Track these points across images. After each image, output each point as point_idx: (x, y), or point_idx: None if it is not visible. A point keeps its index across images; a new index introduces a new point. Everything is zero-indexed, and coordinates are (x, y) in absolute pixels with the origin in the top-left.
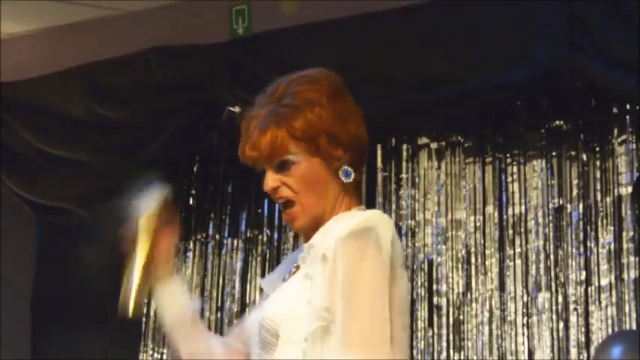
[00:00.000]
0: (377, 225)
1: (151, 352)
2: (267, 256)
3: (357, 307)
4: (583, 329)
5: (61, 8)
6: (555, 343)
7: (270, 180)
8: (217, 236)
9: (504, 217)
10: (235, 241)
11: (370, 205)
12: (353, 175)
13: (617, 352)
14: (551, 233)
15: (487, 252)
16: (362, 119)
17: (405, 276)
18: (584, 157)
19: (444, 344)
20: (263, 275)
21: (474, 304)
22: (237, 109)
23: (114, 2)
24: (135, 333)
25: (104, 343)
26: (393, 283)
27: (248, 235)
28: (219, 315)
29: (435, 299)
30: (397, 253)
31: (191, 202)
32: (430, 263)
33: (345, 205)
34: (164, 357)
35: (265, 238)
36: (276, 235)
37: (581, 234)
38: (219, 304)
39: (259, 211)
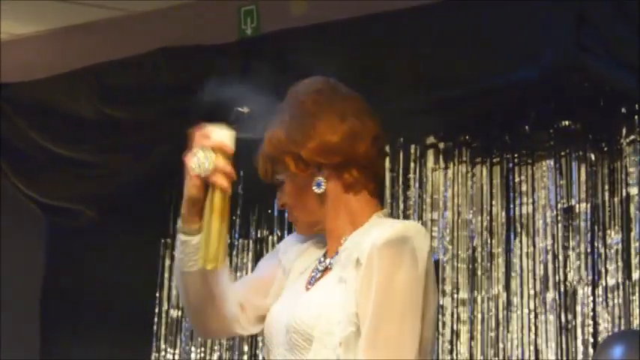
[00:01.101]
0: (414, 236)
1: (163, 352)
2: None
3: (388, 315)
4: (590, 329)
5: (69, 9)
6: (562, 343)
7: (278, 196)
8: (228, 237)
9: (511, 217)
10: (246, 242)
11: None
12: (324, 185)
13: (619, 352)
14: (559, 233)
15: (494, 252)
16: (344, 129)
17: (436, 291)
18: (592, 157)
19: (449, 345)
20: None
21: (480, 304)
22: (245, 110)
23: (121, 3)
24: (145, 334)
25: (114, 344)
26: (426, 297)
27: (258, 235)
28: None
29: (441, 299)
30: (432, 266)
31: None
32: (437, 263)
33: (359, 206)
34: (176, 357)
35: (276, 239)
36: (286, 236)
37: (589, 234)
38: None
39: (269, 211)
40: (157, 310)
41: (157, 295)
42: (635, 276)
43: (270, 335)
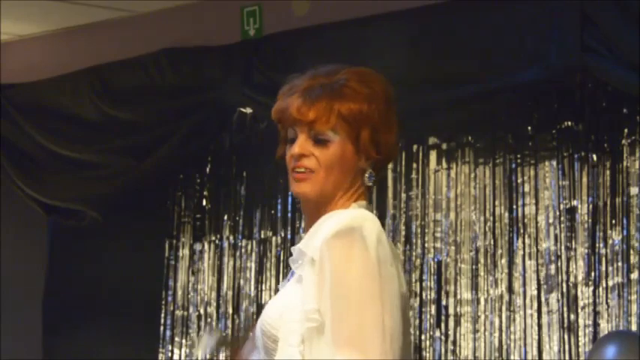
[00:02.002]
0: (362, 224)
1: (169, 353)
2: (282, 257)
3: (347, 307)
4: (592, 329)
5: (72, 10)
6: (565, 343)
7: (301, 146)
8: (232, 238)
9: (514, 217)
10: (250, 243)
11: (381, 205)
12: (372, 182)
13: (612, 352)
14: (562, 234)
15: (497, 253)
16: (399, 139)
17: (395, 274)
18: (595, 157)
19: (452, 345)
20: (277, 276)
21: (483, 305)
22: (248, 111)
23: (125, 4)
24: (149, 334)
25: (116, 343)
26: (382, 284)
27: (262, 236)
28: (234, 316)
29: (443, 300)
30: (385, 251)
31: (204, 204)
32: (439, 264)
33: (352, 201)
34: (182, 357)
35: (279, 240)
36: (290, 236)
37: (591, 234)
38: (234, 306)
39: (273, 212)
40: (162, 311)
41: (163, 295)
42: (636, 276)
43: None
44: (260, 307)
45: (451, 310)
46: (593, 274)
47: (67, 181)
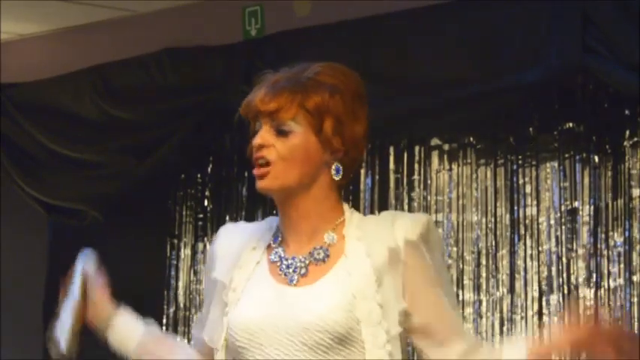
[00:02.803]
0: (431, 220)
1: None
2: None
3: (455, 302)
4: None
5: (74, 9)
6: None
7: (263, 137)
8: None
9: (516, 219)
10: None
11: (382, 206)
12: (341, 174)
13: None
14: (563, 235)
15: (498, 254)
16: (367, 134)
17: None
18: (596, 159)
19: None
20: None
21: (485, 306)
22: None
23: (126, 3)
24: None
25: None
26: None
27: None
28: None
29: None
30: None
31: (206, 204)
32: None
33: (335, 200)
34: None
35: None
36: None
37: (593, 236)
38: None
39: (274, 212)
40: (165, 312)
41: (165, 295)
42: (636, 278)
43: (250, 335)
44: None
45: None
46: (594, 275)
47: (68, 181)
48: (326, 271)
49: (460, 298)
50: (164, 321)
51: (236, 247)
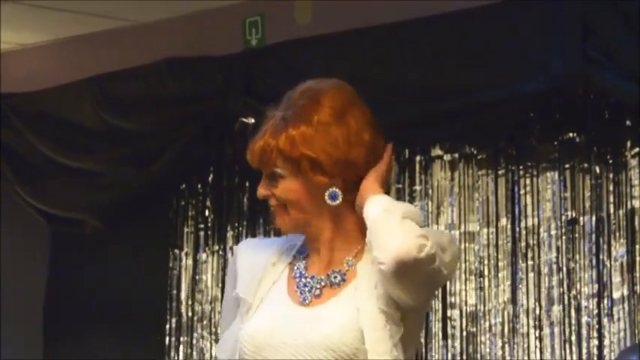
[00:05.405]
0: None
1: None
2: None
3: None
4: (595, 342)
5: (74, 19)
6: (568, 356)
7: (261, 187)
8: (235, 247)
9: (517, 229)
10: None
11: None
12: (340, 198)
13: None
14: (564, 246)
15: (500, 264)
16: (371, 137)
17: None
18: (597, 169)
19: (459, 356)
20: None
21: (486, 317)
22: (250, 120)
23: (127, 13)
24: (149, 343)
25: (118, 353)
26: None
27: None
28: None
29: (448, 311)
30: None
31: (207, 214)
32: None
33: (354, 223)
34: None
35: None
36: None
37: (594, 247)
38: None
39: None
40: (167, 322)
41: (167, 305)
42: (638, 289)
43: (256, 348)
44: None
45: (455, 322)
46: (596, 286)
47: (69, 190)
48: (338, 292)
49: (463, 308)
50: (167, 331)
51: (256, 263)
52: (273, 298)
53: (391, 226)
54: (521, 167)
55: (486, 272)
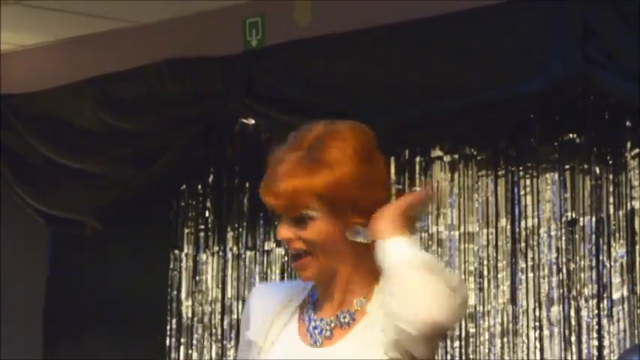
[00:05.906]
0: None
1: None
2: (285, 268)
3: None
4: (595, 343)
5: (75, 20)
6: (568, 356)
7: (285, 231)
8: (235, 249)
9: (517, 230)
10: (253, 254)
11: None
12: (364, 235)
13: None
14: (564, 246)
15: (499, 265)
16: (387, 176)
17: None
18: (597, 170)
19: (457, 357)
20: None
21: (486, 317)
22: (250, 121)
23: (127, 14)
24: (149, 344)
25: (118, 354)
26: None
27: (265, 247)
28: (238, 328)
29: None
30: None
31: (207, 215)
32: None
33: (367, 266)
34: None
35: (283, 251)
36: None
37: (594, 247)
38: (238, 317)
39: (276, 223)
40: (168, 323)
41: (168, 306)
42: (639, 289)
43: None
44: None
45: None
46: (596, 287)
47: (68, 191)
48: (348, 332)
49: None
50: (167, 332)
51: (268, 307)
52: (284, 340)
53: (418, 284)
54: (521, 168)
55: (486, 273)
